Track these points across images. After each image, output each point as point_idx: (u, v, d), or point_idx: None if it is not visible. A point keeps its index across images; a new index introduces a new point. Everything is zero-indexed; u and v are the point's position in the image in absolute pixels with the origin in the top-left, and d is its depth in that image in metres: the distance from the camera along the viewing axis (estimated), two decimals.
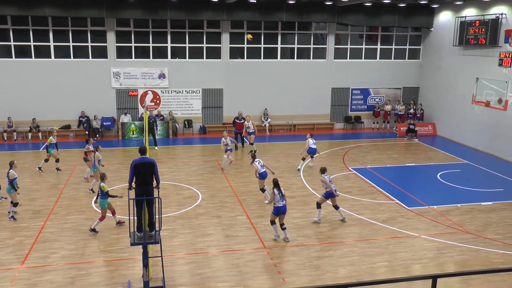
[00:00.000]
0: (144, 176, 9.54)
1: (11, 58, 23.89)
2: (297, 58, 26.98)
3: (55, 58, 24.34)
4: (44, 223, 13.81)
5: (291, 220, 13.91)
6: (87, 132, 24.25)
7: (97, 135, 24.45)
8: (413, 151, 22.92)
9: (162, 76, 25.35)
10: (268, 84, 26.45)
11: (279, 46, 26.56)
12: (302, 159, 19.51)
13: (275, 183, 12.73)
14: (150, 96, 25.48)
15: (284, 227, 12.71)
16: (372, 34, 27.79)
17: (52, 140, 18.58)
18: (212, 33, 25.72)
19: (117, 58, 24.86)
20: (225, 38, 25.71)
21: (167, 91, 25.64)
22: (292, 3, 24.35)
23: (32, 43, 23.99)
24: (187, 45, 25.54)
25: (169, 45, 25.39)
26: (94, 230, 13.11)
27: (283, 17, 25.16)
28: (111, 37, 24.57)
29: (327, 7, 25.16)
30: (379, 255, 12.13)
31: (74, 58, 24.56)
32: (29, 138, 23.90)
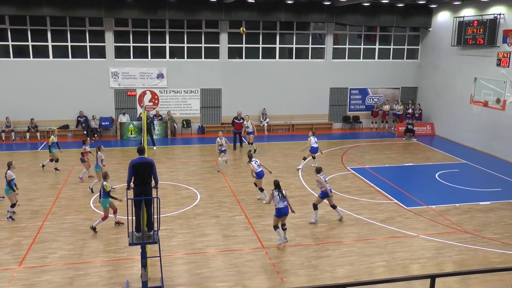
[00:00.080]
0: (142, 176, 9.55)
1: (9, 58, 23.85)
2: (295, 58, 26.97)
3: (53, 58, 24.31)
4: (42, 223, 13.80)
5: (289, 220, 13.86)
6: (85, 132, 24.23)
7: (95, 135, 24.43)
8: (411, 151, 22.94)
9: (160, 76, 25.33)
10: (266, 84, 26.45)
11: (277, 46, 26.56)
12: (303, 159, 19.48)
13: (276, 185, 12.56)
14: (148, 96, 25.46)
15: (285, 228, 12.68)
16: (370, 34, 27.80)
17: (53, 139, 18.57)
18: (210, 33, 25.71)
19: (115, 58, 24.85)
20: (223, 38, 25.70)
21: (165, 91, 25.63)
22: (290, 3, 24.34)
23: (30, 43, 23.95)
24: (185, 45, 25.53)
25: (167, 45, 25.38)
26: (94, 229, 13.12)
27: (281, 17, 25.17)
28: (109, 37, 24.55)
29: (326, 7, 25.17)
30: (377, 255, 12.14)
31: (72, 58, 24.54)
32: (27, 138, 23.86)
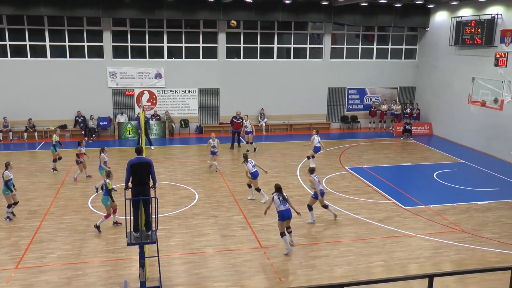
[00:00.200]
0: (140, 176, 9.52)
1: (7, 57, 23.78)
2: (293, 58, 26.97)
3: (51, 57, 24.26)
4: (40, 223, 13.77)
5: None
6: (83, 132, 24.20)
7: (93, 135, 24.40)
8: (409, 151, 22.97)
9: (158, 76, 25.31)
10: (264, 84, 26.44)
11: (275, 46, 26.55)
12: (307, 158, 19.51)
13: (277, 188, 12.27)
14: (146, 96, 25.42)
15: (290, 230, 12.46)
16: (368, 34, 27.82)
17: (56, 138, 18.54)
18: (208, 32, 25.69)
19: (113, 57, 24.81)
20: (221, 38, 25.68)
21: (163, 91, 25.60)
22: (288, 2, 24.32)
23: (28, 42, 23.90)
24: (183, 44, 25.50)
25: (165, 44, 25.35)
26: (98, 227, 13.15)
27: (279, 16, 25.16)
28: (107, 36, 24.51)
29: (323, 7, 25.17)
30: (375, 255, 12.15)
31: (70, 57, 24.48)
32: (25, 138, 23.81)
